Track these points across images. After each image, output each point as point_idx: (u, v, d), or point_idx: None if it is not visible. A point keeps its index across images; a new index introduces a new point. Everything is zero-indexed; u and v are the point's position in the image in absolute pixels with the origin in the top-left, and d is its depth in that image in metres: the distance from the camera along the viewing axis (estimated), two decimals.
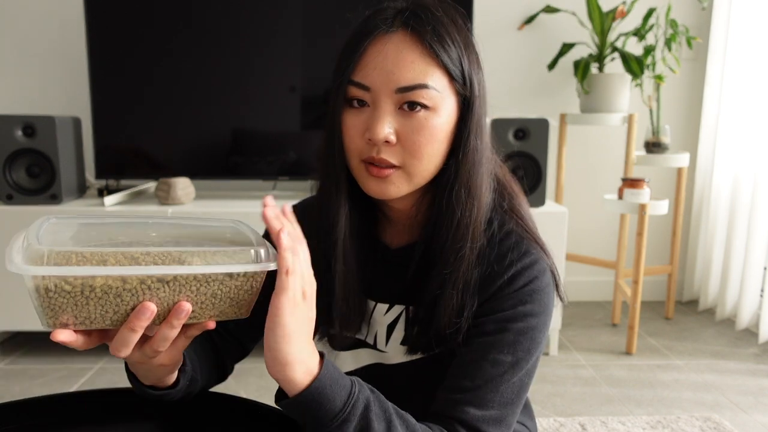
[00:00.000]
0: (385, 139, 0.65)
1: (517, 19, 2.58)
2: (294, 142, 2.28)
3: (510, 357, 0.66)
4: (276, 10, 2.18)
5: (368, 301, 0.77)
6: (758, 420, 1.73)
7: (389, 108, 0.65)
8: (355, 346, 0.80)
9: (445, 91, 0.66)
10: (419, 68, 0.64)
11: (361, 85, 0.65)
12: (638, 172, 2.63)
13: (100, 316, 0.51)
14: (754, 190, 2.32)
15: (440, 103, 0.65)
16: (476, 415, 0.65)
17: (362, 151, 0.67)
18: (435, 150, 0.67)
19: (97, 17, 2.14)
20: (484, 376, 0.66)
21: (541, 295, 0.69)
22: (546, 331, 0.70)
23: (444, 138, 0.67)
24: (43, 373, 1.97)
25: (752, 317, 2.38)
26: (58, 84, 2.46)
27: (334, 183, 0.71)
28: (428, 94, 0.64)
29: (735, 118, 2.49)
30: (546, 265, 0.71)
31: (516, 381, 0.67)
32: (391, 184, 0.67)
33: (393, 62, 0.64)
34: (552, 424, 1.68)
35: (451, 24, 0.66)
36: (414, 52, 0.64)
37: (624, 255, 2.47)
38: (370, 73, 0.65)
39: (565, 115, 2.47)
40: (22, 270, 0.47)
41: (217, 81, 2.21)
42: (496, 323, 0.68)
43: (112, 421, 0.72)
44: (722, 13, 2.52)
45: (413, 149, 0.65)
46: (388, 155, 0.66)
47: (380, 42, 0.65)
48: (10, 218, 1.96)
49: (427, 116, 0.65)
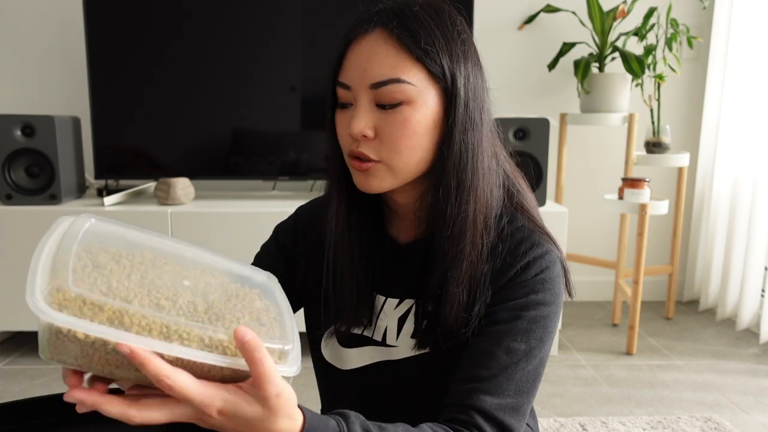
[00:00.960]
0: (361, 134, 0.67)
1: (517, 19, 2.58)
2: (294, 142, 2.28)
3: (524, 345, 0.67)
4: (276, 10, 2.18)
5: (378, 296, 0.78)
6: (759, 420, 1.73)
7: (366, 104, 0.67)
8: (360, 344, 0.80)
9: (423, 85, 0.66)
10: (391, 63, 0.65)
11: (344, 85, 0.68)
12: (638, 172, 2.63)
13: (101, 367, 0.50)
14: (754, 190, 2.32)
15: (418, 97, 0.66)
16: (493, 403, 0.65)
17: (349, 147, 0.69)
18: (415, 143, 0.67)
19: (96, 17, 2.13)
20: (499, 364, 0.66)
21: (553, 285, 0.70)
22: (557, 322, 0.71)
23: (424, 132, 0.67)
24: (43, 373, 1.96)
25: (753, 317, 2.38)
26: (58, 84, 2.46)
27: (334, 180, 0.75)
28: (402, 88, 0.65)
29: (736, 118, 2.49)
30: (557, 257, 0.72)
31: (530, 369, 0.68)
32: (373, 177, 0.69)
33: (367, 59, 0.66)
34: (552, 424, 1.67)
35: (430, 20, 0.67)
36: (387, 48, 0.65)
37: (624, 255, 2.47)
38: (349, 72, 0.67)
39: (565, 115, 2.47)
40: (39, 311, 0.45)
41: (217, 81, 2.20)
42: (508, 311, 0.69)
43: (112, 420, 0.72)
44: (723, 13, 2.52)
45: (390, 143, 0.67)
46: (366, 149, 0.68)
47: (359, 42, 0.67)
48: (10, 218, 1.95)
49: (404, 111, 0.66)
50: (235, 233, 2.01)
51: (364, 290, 0.76)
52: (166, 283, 0.53)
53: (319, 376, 0.90)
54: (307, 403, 1.41)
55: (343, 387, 0.84)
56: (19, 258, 1.97)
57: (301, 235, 0.85)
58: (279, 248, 0.86)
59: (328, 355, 0.84)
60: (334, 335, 0.81)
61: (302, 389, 1.87)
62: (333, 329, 0.80)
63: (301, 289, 0.84)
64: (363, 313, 0.77)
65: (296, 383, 1.92)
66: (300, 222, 0.87)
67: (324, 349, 0.84)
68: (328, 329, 0.81)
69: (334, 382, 0.85)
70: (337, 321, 0.78)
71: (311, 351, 0.87)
